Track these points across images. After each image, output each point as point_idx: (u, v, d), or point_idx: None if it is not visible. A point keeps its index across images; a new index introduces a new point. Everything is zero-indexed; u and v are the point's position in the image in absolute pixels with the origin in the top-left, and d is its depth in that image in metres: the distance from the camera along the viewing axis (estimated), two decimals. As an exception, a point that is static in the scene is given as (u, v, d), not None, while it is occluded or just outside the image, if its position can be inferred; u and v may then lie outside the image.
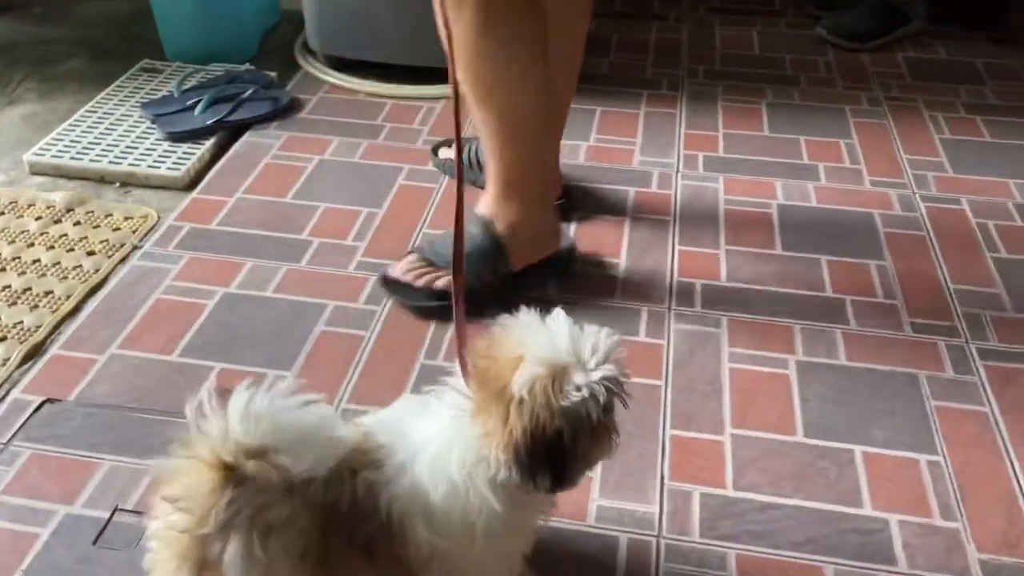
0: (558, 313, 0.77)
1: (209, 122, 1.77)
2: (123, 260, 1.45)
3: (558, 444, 0.73)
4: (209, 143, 1.75)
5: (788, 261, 1.46)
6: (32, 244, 1.49)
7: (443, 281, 1.28)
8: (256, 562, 0.69)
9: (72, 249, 1.48)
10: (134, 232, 1.52)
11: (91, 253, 1.47)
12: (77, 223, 1.55)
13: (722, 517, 1.03)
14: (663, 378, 1.23)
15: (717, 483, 1.08)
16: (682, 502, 1.05)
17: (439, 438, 0.77)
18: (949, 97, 1.98)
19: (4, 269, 1.43)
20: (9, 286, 1.39)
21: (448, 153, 1.68)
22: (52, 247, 1.49)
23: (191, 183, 1.65)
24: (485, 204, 1.34)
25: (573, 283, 1.40)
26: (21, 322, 1.32)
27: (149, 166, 1.67)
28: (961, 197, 1.63)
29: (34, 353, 1.27)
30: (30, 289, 1.39)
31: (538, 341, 0.74)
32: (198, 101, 1.81)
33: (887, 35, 2.20)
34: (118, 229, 1.53)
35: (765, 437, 1.14)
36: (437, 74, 1.96)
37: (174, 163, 1.68)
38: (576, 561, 0.98)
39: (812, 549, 1.00)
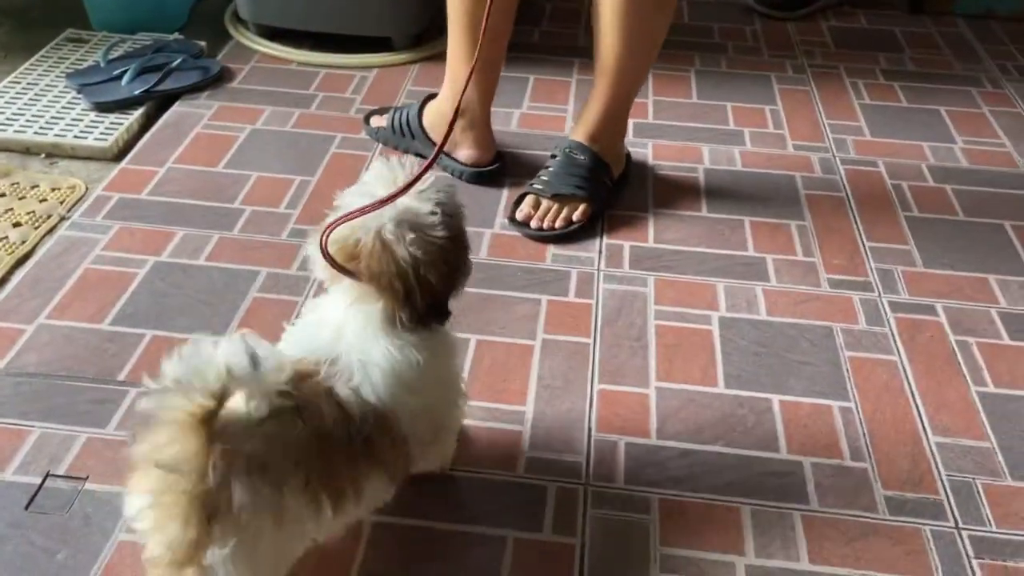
0: (361, 181, 0.85)
1: (137, 92, 1.75)
2: (50, 231, 1.44)
3: (430, 271, 0.80)
4: (137, 113, 1.73)
5: (713, 223, 1.51)
6: (-45, 217, 1.46)
7: (578, 212, 1.45)
8: (265, 499, 0.72)
9: (-3, 221, 1.46)
10: (61, 203, 1.50)
11: (17, 224, 1.45)
12: (2, 195, 1.52)
13: (646, 465, 1.08)
14: (592, 336, 1.27)
15: (642, 433, 1.12)
16: (608, 452, 1.09)
17: (353, 331, 0.82)
18: (869, 64, 2.05)
19: (-75, 242, 1.40)
20: (-69, 259, 1.37)
21: (380, 121, 1.69)
22: (-24, 219, 1.46)
23: (120, 153, 1.63)
24: (587, 134, 1.50)
25: (505, 249, 1.43)
26: (-55, 295, 1.30)
27: (76, 136, 1.65)
28: (878, 159, 1.70)
29: (-41, 325, 1.26)
30: (-46, 262, 1.37)
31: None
32: (125, 71, 1.78)
33: (812, 5, 2.26)
34: (45, 200, 1.51)
35: (688, 389, 1.19)
36: (369, 43, 1.96)
37: (102, 133, 1.66)
38: (506, 509, 1.01)
39: (730, 491, 1.05)
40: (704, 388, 1.19)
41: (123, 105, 1.73)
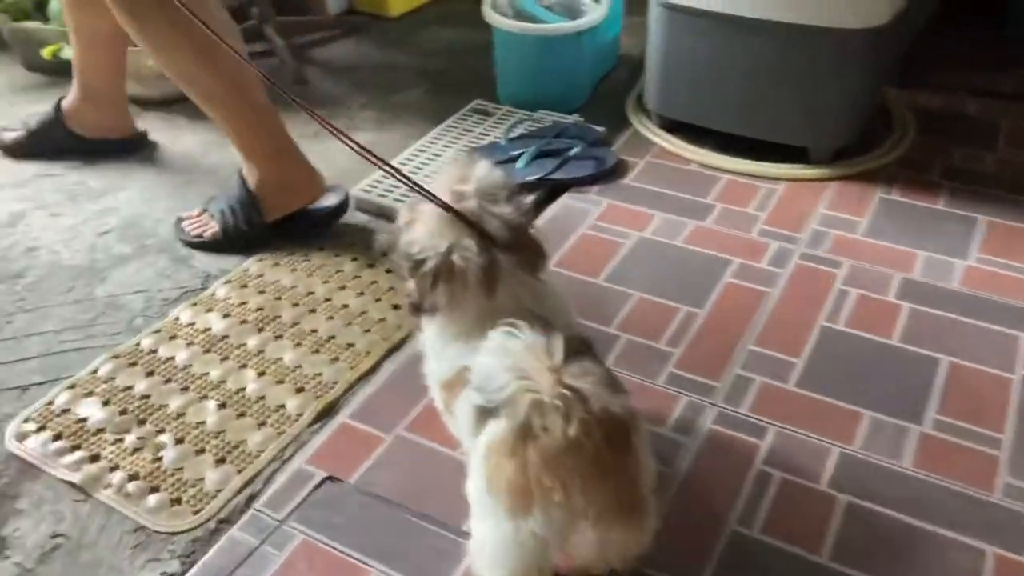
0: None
1: (531, 178, 1.68)
2: (425, 321, 1.39)
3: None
4: (526, 200, 1.65)
5: None
6: (344, 287, 1.47)
7: (210, 232, 1.57)
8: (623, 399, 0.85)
9: (379, 299, 1.45)
10: (440, 291, 1.45)
11: (396, 307, 1.42)
12: (388, 271, 1.51)
13: None
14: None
15: None
16: None
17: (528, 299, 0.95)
18: None
19: (315, 311, 1.42)
20: (316, 331, 1.38)
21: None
22: (362, 293, 1.46)
23: (503, 244, 1.56)
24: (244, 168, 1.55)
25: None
26: (320, 374, 1.29)
27: (465, 218, 1.61)
28: None
29: (327, 412, 1.23)
30: (334, 338, 1.36)
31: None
32: (523, 153, 1.73)
33: None
34: (425, 285, 1.47)
35: None
36: (781, 151, 1.72)
37: (489, 219, 1.60)
38: None
39: None
40: None
41: (515, 190, 1.67)
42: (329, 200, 1.60)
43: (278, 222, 1.56)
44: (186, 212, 1.62)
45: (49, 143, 1.83)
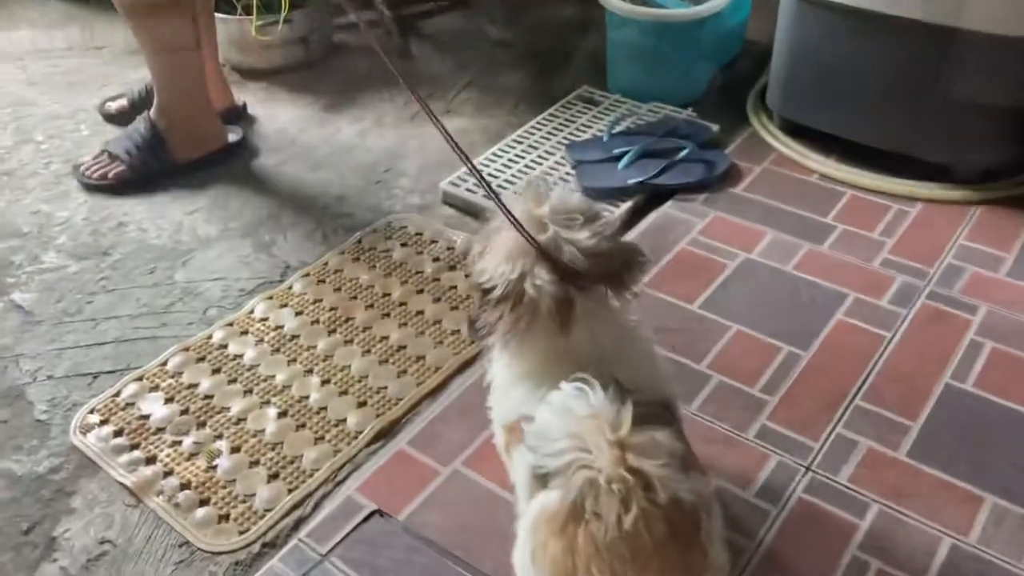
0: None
1: (631, 181, 1.55)
2: (500, 337, 1.30)
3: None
4: (625, 206, 1.53)
5: None
6: (422, 291, 1.40)
7: (114, 171, 1.65)
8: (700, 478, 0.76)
9: (456, 307, 1.37)
10: (520, 304, 1.36)
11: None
12: (468, 275, 1.43)
13: None
14: None
15: None
16: None
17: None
18: None
19: (388, 314, 1.36)
20: (387, 338, 1.31)
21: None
22: (439, 299, 1.39)
23: (594, 254, 1.45)
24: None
25: None
26: (385, 388, 1.23)
27: (556, 223, 1.50)
28: None
29: (387, 432, 1.17)
30: (405, 348, 1.29)
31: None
32: (626, 152, 1.60)
33: None
34: (505, 295, 1.38)
35: None
36: (917, 167, 1.53)
37: (582, 225, 1.49)
38: None
39: None
40: None
41: (614, 195, 1.55)
42: (231, 136, 1.75)
43: (186, 163, 1.69)
44: (83, 158, 1.69)
45: None
